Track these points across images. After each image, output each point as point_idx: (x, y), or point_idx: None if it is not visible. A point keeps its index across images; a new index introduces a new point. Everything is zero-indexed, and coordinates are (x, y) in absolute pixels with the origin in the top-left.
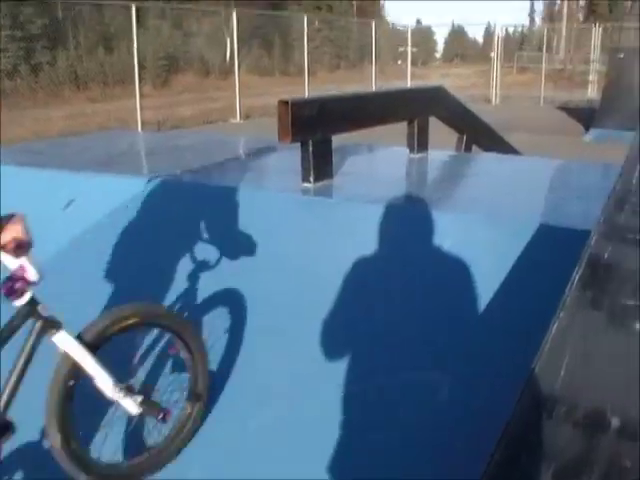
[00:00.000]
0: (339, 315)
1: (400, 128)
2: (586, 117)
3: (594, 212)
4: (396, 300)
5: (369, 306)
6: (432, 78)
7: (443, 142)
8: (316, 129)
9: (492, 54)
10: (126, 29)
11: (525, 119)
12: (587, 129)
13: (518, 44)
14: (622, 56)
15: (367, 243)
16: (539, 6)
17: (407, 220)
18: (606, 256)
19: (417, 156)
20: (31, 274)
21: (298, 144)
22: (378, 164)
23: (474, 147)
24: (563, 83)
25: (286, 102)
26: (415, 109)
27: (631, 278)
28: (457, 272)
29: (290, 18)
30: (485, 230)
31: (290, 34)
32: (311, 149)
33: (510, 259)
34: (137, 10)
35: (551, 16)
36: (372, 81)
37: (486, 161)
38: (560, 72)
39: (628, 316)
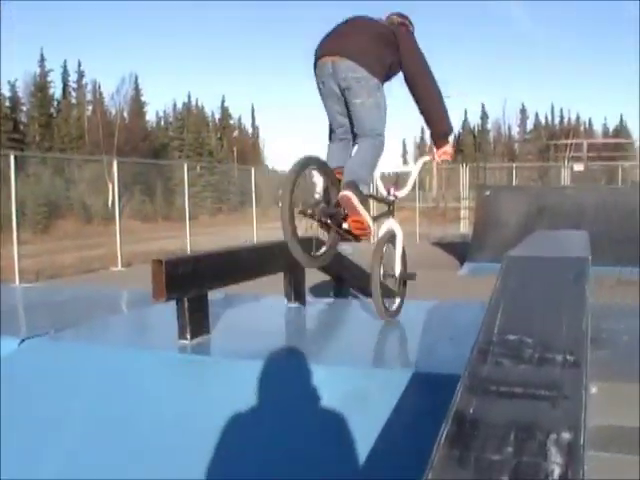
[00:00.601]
0: (216, 471)
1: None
2: (460, 251)
3: (467, 354)
4: (273, 454)
5: (244, 465)
6: None
7: (322, 288)
8: (191, 286)
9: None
10: (5, 177)
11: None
12: (462, 263)
13: (393, 184)
14: (488, 193)
15: (245, 399)
16: (410, 147)
17: (284, 374)
18: (471, 411)
19: (294, 305)
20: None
21: None
22: (256, 315)
23: (352, 291)
24: (437, 219)
25: (160, 261)
26: (290, 260)
27: (496, 433)
28: (329, 425)
29: (171, 165)
30: (359, 381)
31: (172, 180)
32: (187, 305)
33: (385, 410)
34: (16, 158)
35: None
36: (253, 225)
37: (363, 307)
38: (434, 209)
39: (494, 472)
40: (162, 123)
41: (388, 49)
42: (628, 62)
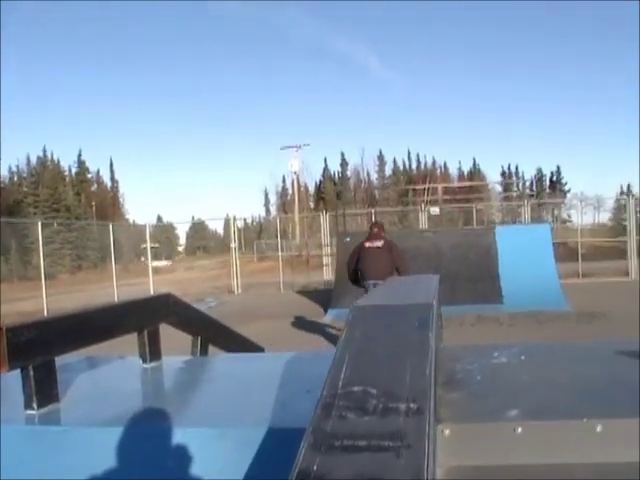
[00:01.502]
0: None
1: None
2: (324, 298)
3: None
4: None
5: None
6: (177, 272)
7: (180, 346)
8: (37, 352)
9: (232, 245)
10: None
11: (267, 306)
12: (326, 310)
13: (257, 233)
14: (348, 240)
15: (100, 468)
16: (273, 197)
17: (139, 439)
18: (315, 467)
19: (150, 366)
20: None
21: None
22: (110, 378)
23: (211, 348)
24: (301, 268)
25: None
26: (143, 319)
27: None
28: None
29: (25, 222)
30: (216, 441)
31: (27, 237)
32: (32, 374)
33: (241, 469)
34: None
35: (284, 206)
36: (114, 281)
37: (221, 363)
38: (297, 257)
39: None
40: (15, 178)
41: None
42: (481, 107)
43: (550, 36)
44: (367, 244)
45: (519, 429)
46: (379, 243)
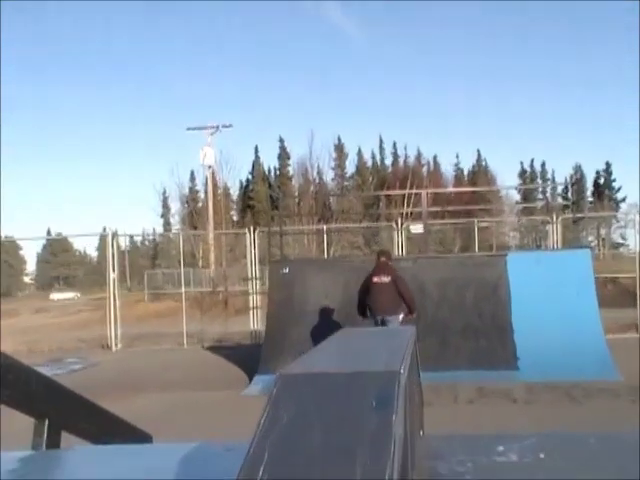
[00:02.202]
0: None
1: None
2: (250, 359)
3: None
4: None
5: None
6: (22, 315)
7: (18, 434)
8: None
9: (111, 275)
10: None
11: (161, 371)
12: (251, 377)
13: (150, 259)
14: (286, 271)
15: None
16: (175, 204)
17: None
18: None
19: None
20: None
21: None
22: None
23: (64, 435)
24: (216, 311)
25: None
26: None
27: None
28: None
29: None
30: None
31: None
32: None
33: None
34: None
35: (192, 218)
36: None
37: (82, 460)
38: (211, 295)
39: None
40: None
41: (396, 288)
42: (489, 72)
43: None
44: (375, 279)
45: None
46: (387, 278)
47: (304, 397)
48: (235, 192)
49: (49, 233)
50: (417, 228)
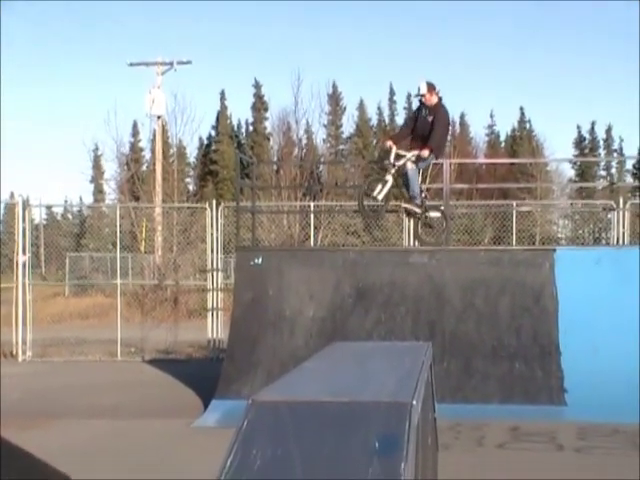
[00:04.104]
0: None
1: None
2: (205, 376)
3: None
4: None
5: None
6: None
7: None
8: None
9: (19, 258)
10: None
11: (84, 388)
12: (207, 402)
13: (74, 238)
14: (259, 261)
15: None
16: (110, 167)
17: None
18: None
19: None
20: None
21: None
22: None
23: None
24: (162, 312)
25: None
26: None
27: None
28: None
29: None
30: None
31: None
32: None
33: None
34: None
35: (133, 186)
36: None
37: None
38: (156, 290)
39: None
40: None
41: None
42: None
43: None
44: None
45: None
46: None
47: (284, 432)
48: (192, 153)
49: None
50: (435, 211)
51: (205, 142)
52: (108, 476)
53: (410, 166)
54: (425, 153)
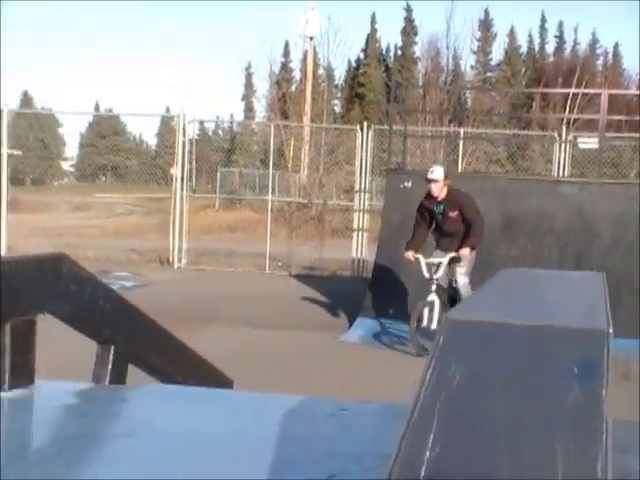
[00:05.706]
0: None
1: None
2: (349, 294)
3: None
4: None
5: None
6: (58, 211)
7: (71, 361)
8: None
9: (174, 171)
10: None
11: (235, 297)
12: (351, 319)
13: (225, 154)
14: (408, 184)
15: None
16: (262, 86)
17: None
18: None
19: (11, 396)
20: None
21: None
22: None
23: (131, 369)
24: (308, 229)
25: None
26: (6, 303)
27: None
28: None
29: None
30: None
31: None
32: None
33: None
34: None
35: (283, 105)
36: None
37: (152, 401)
38: (302, 209)
39: None
40: None
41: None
42: None
43: None
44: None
45: None
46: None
47: (480, 351)
48: (341, 76)
49: (97, 109)
50: (589, 142)
51: (353, 65)
52: (260, 382)
53: (462, 281)
54: (466, 252)
